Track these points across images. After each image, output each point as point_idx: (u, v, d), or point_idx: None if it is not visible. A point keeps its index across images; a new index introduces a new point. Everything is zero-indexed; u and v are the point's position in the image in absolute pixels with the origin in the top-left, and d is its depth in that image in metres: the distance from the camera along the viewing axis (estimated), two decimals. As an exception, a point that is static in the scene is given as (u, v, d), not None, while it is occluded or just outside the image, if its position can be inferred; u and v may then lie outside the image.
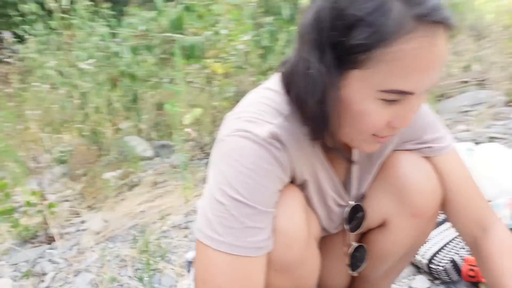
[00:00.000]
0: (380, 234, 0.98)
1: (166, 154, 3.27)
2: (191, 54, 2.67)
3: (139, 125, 3.61)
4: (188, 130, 2.12)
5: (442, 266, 1.35)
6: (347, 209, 0.94)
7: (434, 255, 1.38)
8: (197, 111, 2.05)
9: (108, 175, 2.75)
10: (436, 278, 1.39)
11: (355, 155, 0.91)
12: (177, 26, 2.50)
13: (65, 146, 3.59)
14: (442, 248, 1.38)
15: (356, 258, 1.00)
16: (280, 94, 0.79)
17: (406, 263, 1.09)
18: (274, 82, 0.82)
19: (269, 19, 2.90)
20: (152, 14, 2.94)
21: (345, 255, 1.00)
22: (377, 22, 0.63)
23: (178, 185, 2.25)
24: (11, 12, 4.11)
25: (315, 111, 0.71)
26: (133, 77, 3.02)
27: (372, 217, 0.96)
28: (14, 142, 3.75)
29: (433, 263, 1.37)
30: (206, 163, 2.59)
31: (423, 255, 1.40)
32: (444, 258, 1.36)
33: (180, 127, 2.20)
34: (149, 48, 2.65)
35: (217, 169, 0.75)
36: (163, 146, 3.42)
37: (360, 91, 0.68)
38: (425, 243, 1.17)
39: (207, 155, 2.77)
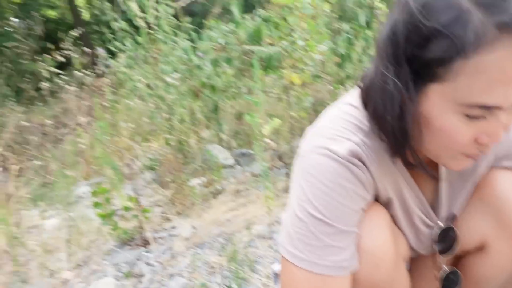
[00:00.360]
0: (477, 258, 0.93)
1: (246, 162, 3.39)
2: (269, 64, 2.76)
3: (220, 134, 3.78)
4: (267, 140, 2.21)
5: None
6: (436, 230, 0.92)
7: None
8: (276, 121, 2.13)
9: (194, 182, 2.93)
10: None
11: (443, 172, 0.88)
12: (255, 38, 2.60)
13: (154, 154, 3.86)
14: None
15: (450, 284, 0.97)
16: (360, 109, 0.78)
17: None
18: (354, 97, 0.82)
19: (345, 26, 2.92)
20: (231, 26, 3.08)
21: (436, 279, 0.97)
22: (455, 33, 0.61)
23: (260, 194, 2.35)
24: (104, 30, 4.48)
25: (394, 127, 0.70)
26: (213, 88, 3.19)
27: (466, 239, 0.92)
28: (110, 150, 4.10)
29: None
30: (286, 173, 2.66)
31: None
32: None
33: (259, 136, 2.29)
34: (228, 60, 2.79)
35: (298, 184, 0.78)
36: (243, 154, 3.56)
37: (441, 106, 0.66)
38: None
39: (286, 164, 2.84)
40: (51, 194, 4.11)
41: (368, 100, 0.76)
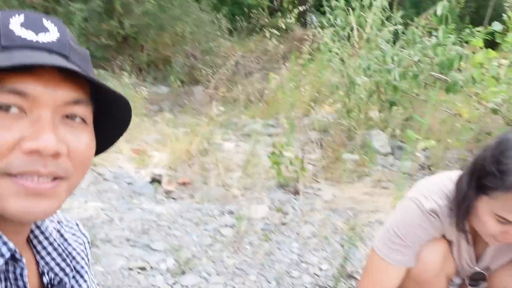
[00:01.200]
0: None
1: (399, 155, 3.79)
2: (450, 88, 3.05)
3: (387, 122, 4.18)
4: (418, 154, 2.61)
5: None
6: (472, 270, 1.41)
7: None
8: (431, 142, 2.53)
9: (347, 156, 3.48)
10: None
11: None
12: (445, 67, 2.92)
13: (324, 120, 4.47)
14: None
15: None
16: (453, 184, 1.29)
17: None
18: (455, 175, 1.31)
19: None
20: (432, 41, 3.38)
21: None
22: (504, 177, 1.09)
23: (394, 191, 2.81)
24: (325, 2, 5.02)
25: (456, 208, 1.22)
26: (395, 88, 3.59)
27: (494, 284, 1.39)
28: (291, 101, 4.84)
29: None
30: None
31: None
32: None
33: (414, 147, 2.71)
34: (415, 77, 3.15)
35: (397, 211, 1.35)
36: (399, 147, 3.94)
37: (485, 208, 1.15)
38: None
39: (430, 174, 3.20)
40: (233, 120, 5.08)
41: (455, 185, 1.27)
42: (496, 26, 2.94)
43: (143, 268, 2.02)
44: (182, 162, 3.60)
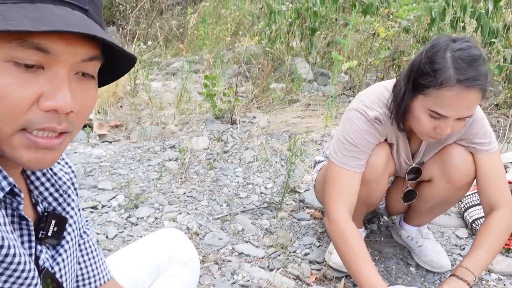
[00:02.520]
0: (427, 186, 1.65)
1: (322, 81, 4.00)
2: (367, 10, 3.23)
3: (309, 51, 4.34)
4: (342, 74, 2.79)
5: (480, 227, 1.94)
6: (409, 167, 1.63)
7: (477, 219, 1.97)
8: (354, 62, 2.71)
9: (274, 85, 3.62)
10: (474, 234, 1.99)
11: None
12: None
13: (247, 49, 4.51)
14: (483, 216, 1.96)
15: (409, 197, 1.70)
16: (389, 92, 1.46)
17: (441, 210, 1.75)
18: (390, 84, 1.48)
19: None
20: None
21: (402, 192, 1.71)
22: (437, 75, 1.25)
23: (324, 112, 3.01)
24: None
25: (395, 109, 1.39)
26: (316, 14, 3.71)
27: (425, 175, 1.63)
28: (212, 35, 4.80)
29: (474, 223, 1.97)
30: (349, 102, 3.28)
31: (470, 216, 2.00)
32: (484, 223, 1.94)
33: (338, 70, 2.89)
34: (335, 1, 3.28)
35: (343, 123, 1.50)
36: (322, 74, 4.15)
37: (420, 106, 1.32)
38: (456, 202, 1.76)
39: (353, 94, 3.44)
40: (156, 60, 4.96)
41: (393, 90, 1.43)
42: None
43: (94, 207, 2.05)
44: (110, 105, 3.52)
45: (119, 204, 2.08)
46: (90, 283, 0.88)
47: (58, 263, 0.75)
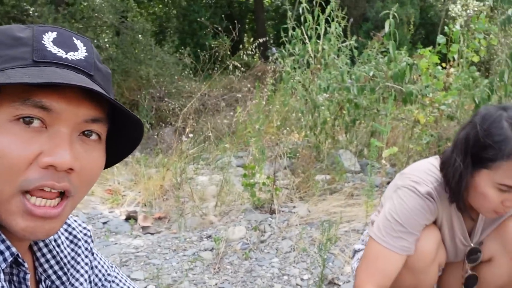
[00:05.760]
0: (486, 267, 1.48)
1: (368, 172, 3.91)
2: (406, 98, 3.23)
3: (353, 142, 4.33)
4: (384, 162, 2.73)
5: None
6: (468, 249, 1.48)
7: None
8: (394, 149, 2.65)
9: (318, 177, 3.57)
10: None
11: (480, 216, 1.44)
12: (398, 78, 3.09)
13: (293, 146, 4.58)
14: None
15: (470, 283, 1.52)
16: (437, 170, 1.37)
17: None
18: (435, 160, 1.41)
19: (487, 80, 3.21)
20: (385, 59, 3.59)
21: (462, 278, 1.54)
22: (502, 147, 1.18)
23: (367, 201, 2.89)
24: (283, 34, 5.29)
25: (454, 188, 1.29)
26: (357, 105, 3.76)
27: (484, 255, 1.47)
28: (260, 132, 4.94)
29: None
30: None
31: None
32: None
33: (379, 158, 2.82)
34: (372, 90, 3.32)
35: (392, 201, 1.38)
36: (367, 164, 4.07)
37: (485, 181, 1.23)
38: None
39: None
40: (204, 156, 5.13)
41: (443, 168, 1.35)
42: (441, 39, 3.16)
43: (124, 298, 2.00)
44: (156, 198, 3.60)
45: (149, 294, 2.02)
46: None
47: None
